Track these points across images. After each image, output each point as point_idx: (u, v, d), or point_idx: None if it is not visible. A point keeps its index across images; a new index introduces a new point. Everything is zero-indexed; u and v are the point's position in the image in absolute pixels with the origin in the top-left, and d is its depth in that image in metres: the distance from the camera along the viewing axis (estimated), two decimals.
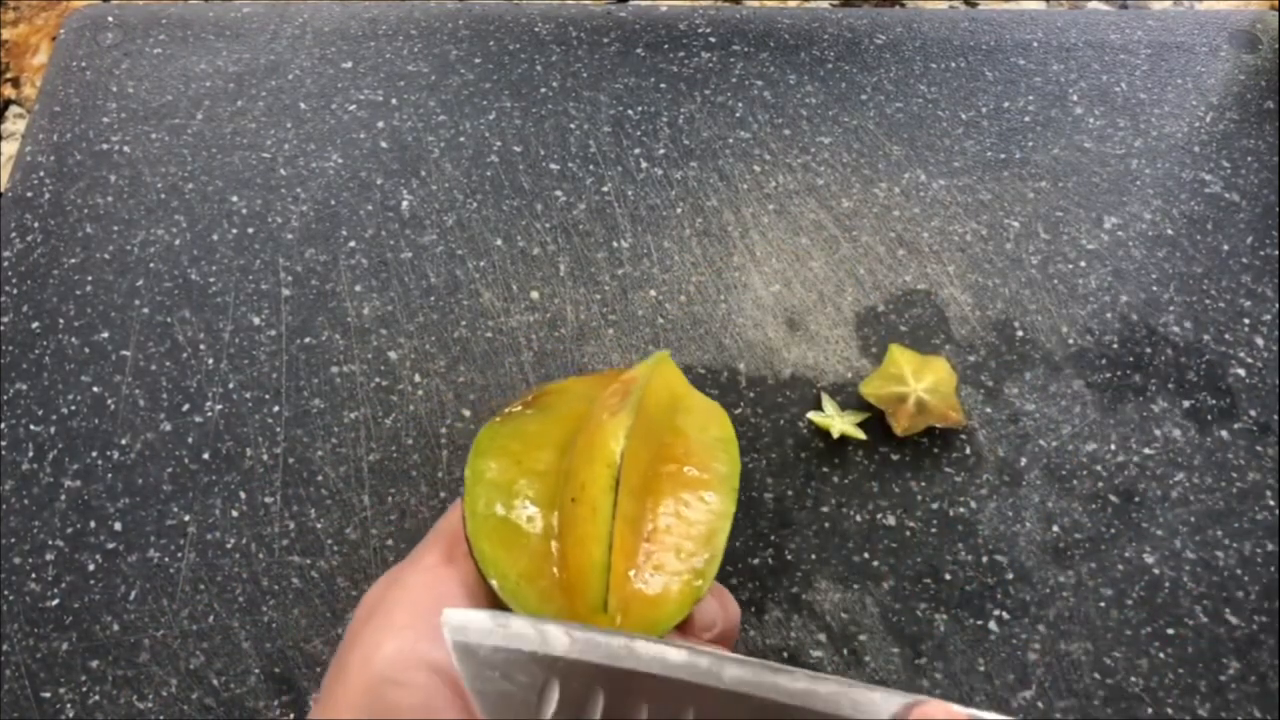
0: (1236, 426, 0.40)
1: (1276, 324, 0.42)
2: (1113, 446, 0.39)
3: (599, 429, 0.26)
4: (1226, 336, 0.42)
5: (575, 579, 0.25)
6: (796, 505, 0.38)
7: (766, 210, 0.45)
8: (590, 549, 0.24)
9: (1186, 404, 0.40)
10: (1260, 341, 0.42)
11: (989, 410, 0.40)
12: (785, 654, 0.35)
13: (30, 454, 0.39)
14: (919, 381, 0.39)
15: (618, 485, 0.25)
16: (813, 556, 0.37)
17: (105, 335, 0.42)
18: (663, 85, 0.49)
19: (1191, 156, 0.47)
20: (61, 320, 0.42)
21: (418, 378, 0.41)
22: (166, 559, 0.37)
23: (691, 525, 0.26)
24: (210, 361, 0.41)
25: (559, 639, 0.22)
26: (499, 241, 0.44)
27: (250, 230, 0.44)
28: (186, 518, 0.38)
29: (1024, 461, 0.39)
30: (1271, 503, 0.38)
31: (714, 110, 0.48)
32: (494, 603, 0.25)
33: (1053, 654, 0.35)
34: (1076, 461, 0.39)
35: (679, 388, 0.31)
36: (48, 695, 0.34)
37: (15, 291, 0.43)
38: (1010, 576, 0.36)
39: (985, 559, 0.37)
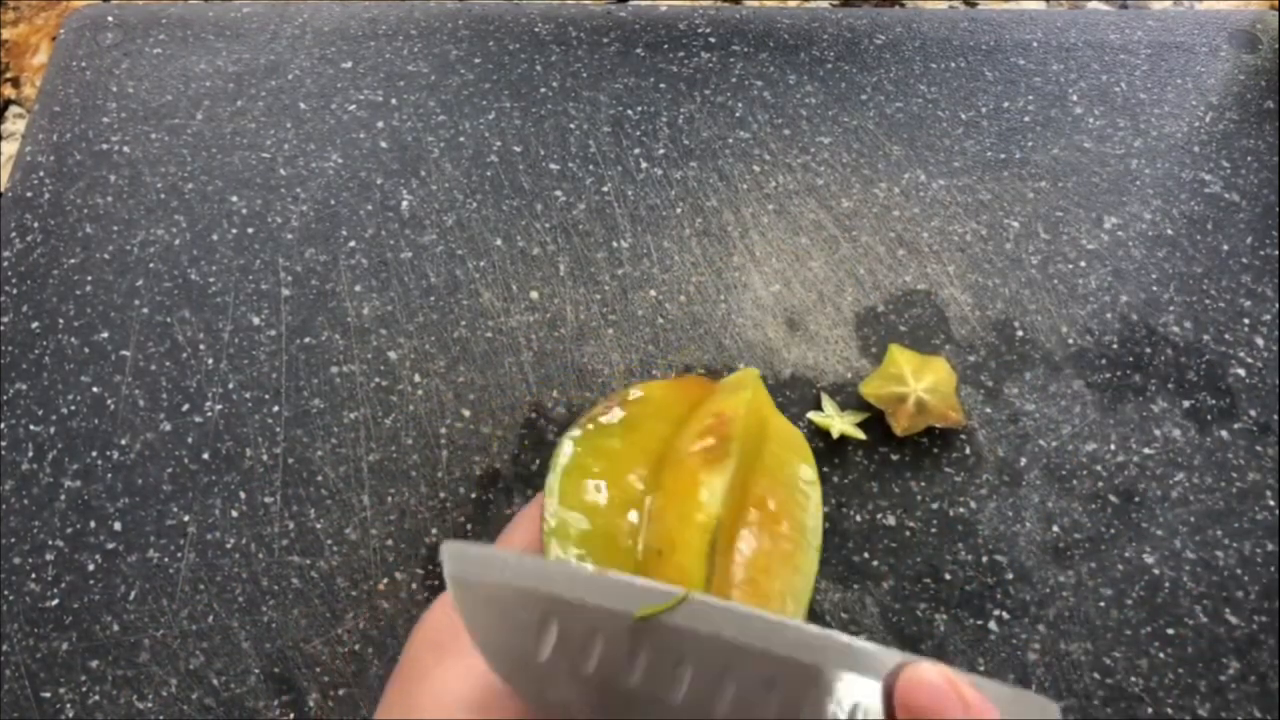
0: (1236, 426, 0.40)
1: (1276, 324, 0.42)
2: (1113, 446, 0.39)
3: (691, 480, 0.25)
4: (1226, 336, 0.42)
5: None
6: None
7: (766, 210, 0.45)
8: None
9: (1186, 404, 0.40)
10: (1260, 341, 0.42)
11: (989, 410, 0.40)
12: None
13: (30, 454, 0.39)
14: (919, 381, 0.39)
15: (712, 550, 0.23)
16: None
17: (105, 335, 0.42)
18: (662, 85, 0.49)
19: (1191, 156, 0.47)
20: (61, 320, 0.42)
21: (417, 378, 0.41)
22: (166, 559, 0.37)
23: (772, 588, 0.25)
24: (210, 361, 0.41)
25: (558, 576, 0.21)
26: (499, 241, 0.44)
27: (250, 230, 0.44)
28: (186, 518, 0.38)
29: (1024, 461, 0.39)
30: (1271, 503, 0.38)
31: (714, 110, 0.48)
32: None
33: (1053, 654, 0.35)
34: (1076, 461, 0.39)
35: (767, 414, 0.29)
36: (48, 695, 0.34)
37: (15, 291, 0.43)
38: (1010, 576, 0.36)
39: (985, 559, 0.37)
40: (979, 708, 0.19)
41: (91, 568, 0.37)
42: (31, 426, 0.39)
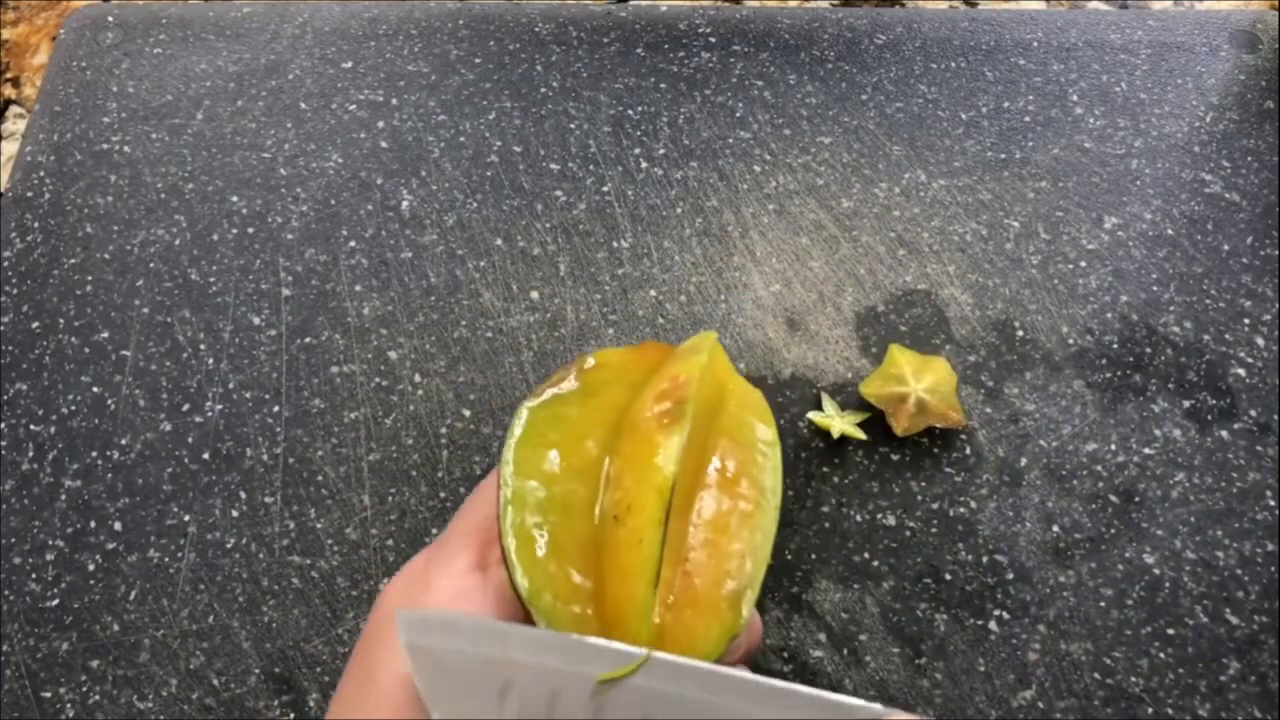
0: (1237, 426, 0.40)
1: (1277, 324, 0.42)
2: (1113, 446, 0.39)
3: (647, 444, 0.25)
4: (1227, 336, 0.42)
5: (614, 611, 0.23)
6: (797, 505, 0.38)
7: (767, 210, 0.45)
8: (633, 585, 0.23)
9: (1187, 404, 0.40)
10: (1260, 341, 0.42)
11: (989, 410, 0.40)
12: (785, 654, 0.35)
13: (30, 454, 0.39)
14: (919, 381, 0.39)
15: (667, 517, 0.23)
16: (813, 556, 0.37)
17: (105, 335, 0.42)
18: (663, 85, 0.49)
19: (1192, 156, 0.47)
20: (61, 320, 0.42)
21: (418, 378, 0.41)
22: (166, 559, 0.37)
23: (731, 549, 0.25)
24: (210, 361, 0.41)
25: (519, 641, 0.21)
26: (499, 241, 0.44)
27: (250, 230, 0.44)
28: (186, 518, 0.38)
29: (1024, 461, 0.39)
30: (1272, 503, 0.38)
31: (714, 110, 0.48)
32: (527, 618, 0.24)
33: (1053, 654, 0.35)
34: (1077, 461, 0.39)
35: (724, 377, 0.29)
36: (48, 695, 0.34)
37: (15, 291, 0.43)
38: (1010, 576, 0.36)
39: (985, 559, 0.37)
40: None
41: (92, 568, 0.37)
42: (32, 426, 0.39)
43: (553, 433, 0.26)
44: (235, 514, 0.38)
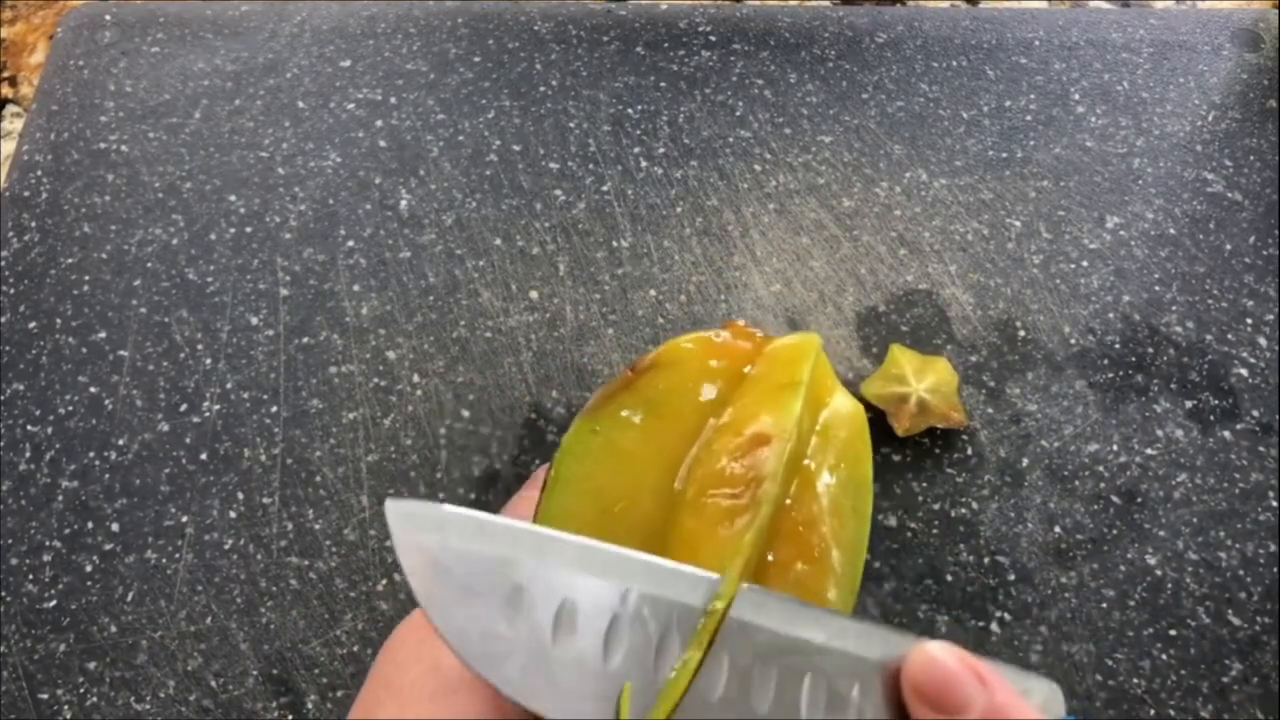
0: (1239, 427, 0.39)
1: (1279, 324, 0.42)
2: (1115, 447, 0.39)
3: (707, 540, 0.21)
4: (1229, 336, 0.41)
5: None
6: None
7: (767, 209, 0.45)
8: (679, 682, 0.19)
9: (1189, 404, 0.40)
10: (1263, 341, 0.41)
11: (991, 410, 0.40)
12: None
13: (27, 454, 0.39)
14: (920, 382, 0.38)
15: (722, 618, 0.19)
16: None
17: (102, 335, 0.41)
18: (663, 84, 0.49)
19: (1194, 155, 0.47)
20: (59, 320, 0.42)
21: (416, 378, 0.41)
22: (164, 560, 0.37)
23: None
24: (208, 361, 0.41)
25: (527, 540, 0.19)
26: (498, 241, 0.44)
27: (248, 230, 0.44)
28: (184, 519, 0.37)
29: (1026, 462, 0.39)
30: (1274, 503, 0.38)
31: (714, 109, 0.48)
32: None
33: (1055, 655, 0.35)
34: (1078, 462, 0.39)
35: (821, 396, 0.24)
36: (45, 696, 0.34)
37: (12, 291, 0.43)
38: (1012, 578, 0.36)
39: (987, 560, 0.37)
40: (996, 686, 0.18)
41: (89, 569, 0.36)
42: (29, 427, 0.39)
43: (601, 472, 0.22)
44: (233, 515, 0.37)
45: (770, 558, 0.22)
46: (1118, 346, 0.41)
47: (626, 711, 0.18)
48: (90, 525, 0.37)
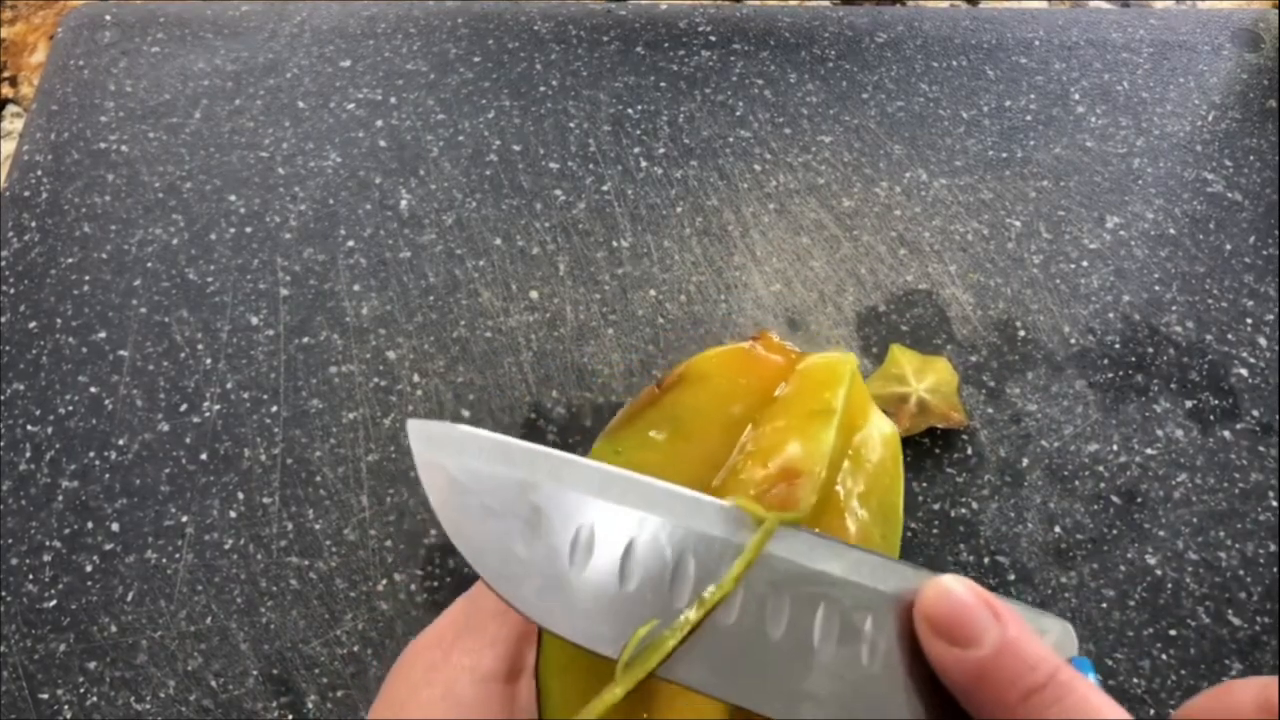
0: (1239, 427, 0.39)
1: (1279, 324, 0.42)
2: (1115, 447, 0.39)
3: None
4: (1229, 336, 0.41)
5: None
6: None
7: (767, 209, 0.45)
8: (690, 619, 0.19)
9: (1189, 404, 0.40)
10: (1263, 341, 0.41)
11: (991, 410, 0.40)
12: None
13: (27, 454, 0.39)
14: (920, 381, 0.38)
15: None
16: None
17: (103, 335, 0.41)
18: (663, 84, 0.49)
19: (1194, 155, 0.47)
20: (59, 320, 0.42)
21: (416, 378, 0.41)
22: (164, 560, 0.37)
23: None
24: (208, 361, 0.41)
25: (544, 464, 0.19)
26: (498, 241, 0.44)
27: (248, 229, 0.44)
28: (184, 518, 0.37)
29: (1026, 462, 0.39)
30: (1274, 503, 0.38)
31: (714, 109, 0.48)
32: None
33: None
34: (1078, 462, 0.39)
35: (856, 420, 0.23)
36: (45, 696, 0.34)
37: (12, 291, 0.43)
38: (1012, 577, 0.36)
39: (987, 560, 0.37)
40: (1010, 620, 0.17)
41: (89, 568, 0.36)
42: (29, 427, 0.39)
43: None
44: (233, 515, 0.37)
45: None
46: (1118, 346, 0.41)
47: (628, 654, 0.18)
48: (90, 525, 0.37)
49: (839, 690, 0.18)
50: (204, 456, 0.39)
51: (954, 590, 0.18)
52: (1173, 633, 0.35)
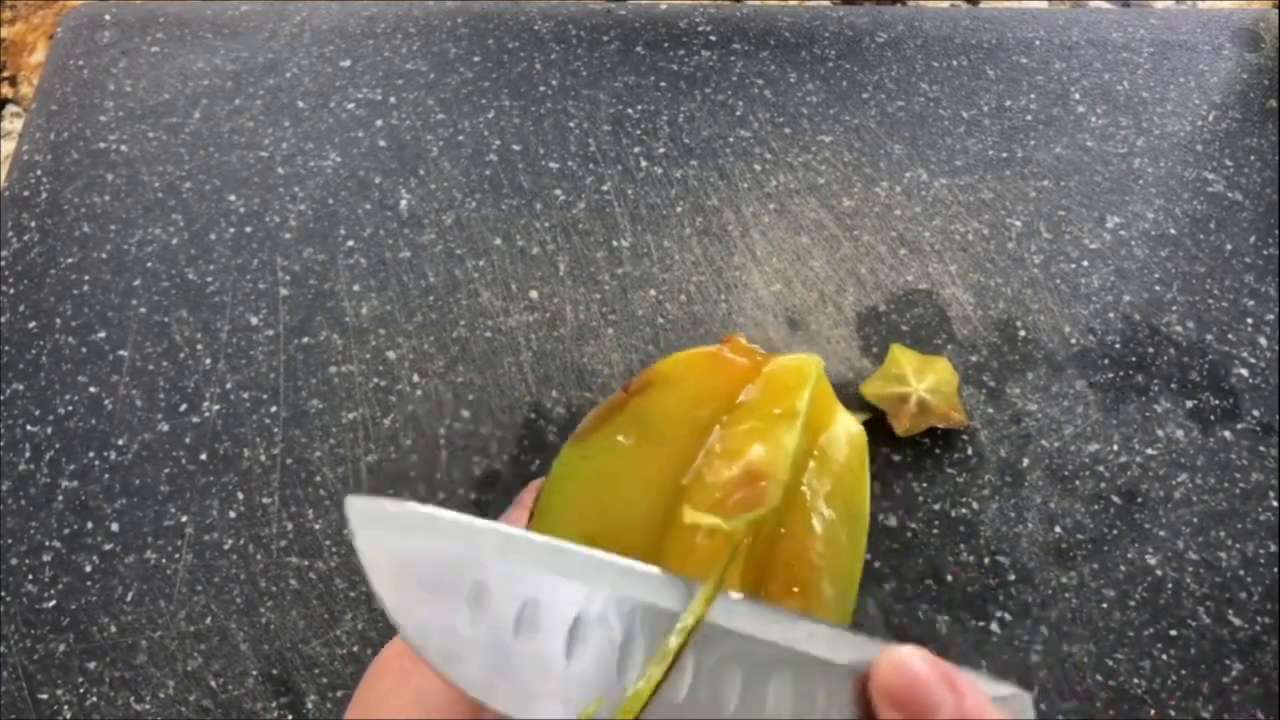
0: (1239, 427, 0.39)
1: (1279, 324, 0.42)
2: (1115, 447, 0.39)
3: (699, 552, 0.20)
4: (1229, 336, 0.41)
5: None
6: None
7: (767, 209, 0.45)
8: (642, 692, 0.19)
9: (1189, 404, 0.40)
10: (1263, 341, 0.41)
11: (991, 410, 0.40)
12: None
13: (27, 454, 0.39)
14: (920, 382, 0.38)
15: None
16: None
17: (102, 335, 0.41)
18: (663, 84, 0.49)
19: (1194, 155, 0.47)
20: (58, 320, 0.42)
21: (416, 378, 0.41)
22: (164, 560, 0.37)
23: None
24: (208, 361, 0.41)
25: (489, 539, 0.19)
26: (498, 241, 0.44)
27: (248, 229, 0.44)
28: (184, 519, 0.37)
29: (1026, 462, 0.38)
30: (1274, 503, 0.38)
31: (714, 109, 0.48)
32: None
33: (1055, 655, 0.35)
34: (1079, 462, 0.38)
35: (821, 421, 0.23)
36: (45, 697, 0.34)
37: (12, 291, 0.43)
38: (1012, 578, 0.36)
39: (987, 560, 0.37)
40: (966, 689, 0.17)
41: (89, 569, 0.36)
42: (29, 427, 0.39)
43: (590, 502, 0.21)
44: (233, 515, 0.37)
45: (762, 592, 0.22)
46: (1118, 346, 0.41)
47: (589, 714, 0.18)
48: (90, 525, 0.37)
49: None
50: (204, 457, 0.39)
51: (909, 662, 0.18)
52: (1173, 633, 0.35)
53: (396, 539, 0.19)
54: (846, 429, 0.24)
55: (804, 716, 0.18)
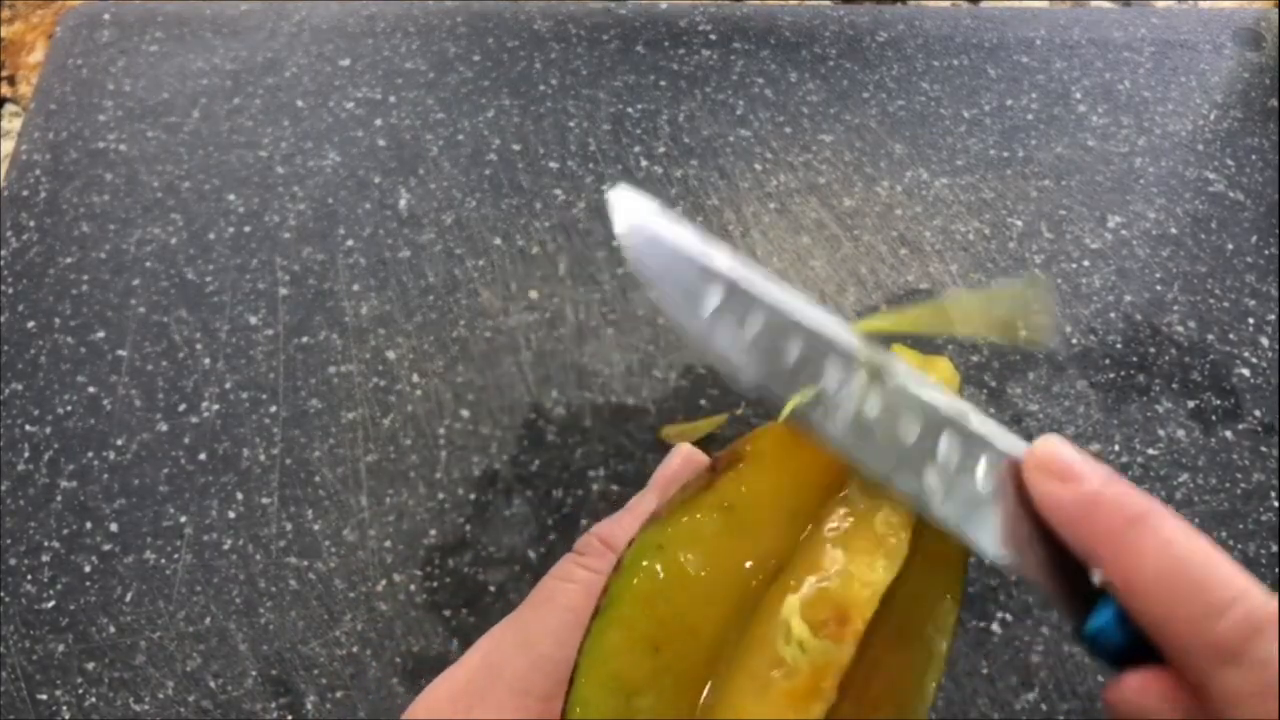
0: (1241, 427, 0.39)
1: None
2: (1116, 447, 0.39)
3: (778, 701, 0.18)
4: (1231, 336, 0.41)
5: None
6: None
7: (767, 209, 0.45)
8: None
9: (1191, 404, 0.40)
10: (1265, 341, 0.41)
11: (992, 411, 0.40)
12: None
13: (26, 454, 0.39)
14: None
15: None
16: None
17: (101, 335, 0.41)
18: (663, 83, 0.49)
19: (1195, 155, 0.47)
20: (57, 320, 0.42)
21: (416, 378, 0.40)
22: (163, 560, 0.37)
23: None
24: (207, 361, 0.41)
25: (721, 259, 0.22)
26: (498, 240, 0.44)
27: (247, 229, 0.44)
28: (183, 519, 0.37)
29: None
30: (1276, 504, 0.38)
31: (714, 108, 0.48)
32: None
33: (1056, 656, 0.35)
34: None
35: (917, 569, 0.21)
36: (44, 697, 0.34)
37: (11, 291, 0.43)
38: (1013, 578, 0.36)
39: (988, 560, 0.36)
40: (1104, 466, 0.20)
41: (88, 569, 0.36)
42: (27, 427, 0.39)
43: (661, 602, 0.19)
44: (232, 515, 0.37)
45: None
46: (1119, 346, 0.41)
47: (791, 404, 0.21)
48: (89, 525, 0.37)
49: (952, 497, 0.20)
50: (203, 457, 0.39)
51: (1059, 442, 0.20)
52: None
53: (649, 216, 0.22)
54: (944, 550, 0.22)
55: (967, 469, 0.20)
